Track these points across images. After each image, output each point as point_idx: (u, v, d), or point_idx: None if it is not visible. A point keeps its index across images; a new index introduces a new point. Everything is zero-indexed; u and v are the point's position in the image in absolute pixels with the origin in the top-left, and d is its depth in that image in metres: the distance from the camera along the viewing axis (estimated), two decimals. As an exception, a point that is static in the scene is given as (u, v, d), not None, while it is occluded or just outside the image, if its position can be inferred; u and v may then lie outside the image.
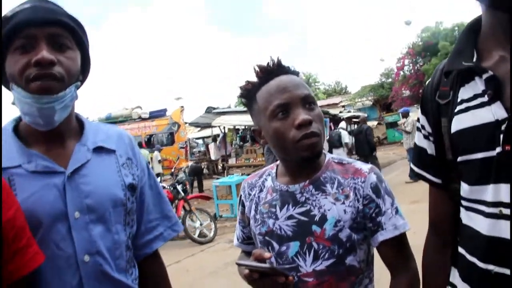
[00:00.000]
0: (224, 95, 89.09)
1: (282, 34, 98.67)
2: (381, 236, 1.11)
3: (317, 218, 1.12)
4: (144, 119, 16.50)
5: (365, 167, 1.17)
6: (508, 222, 0.82)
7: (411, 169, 1.13)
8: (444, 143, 0.98)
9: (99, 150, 1.16)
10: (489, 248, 0.86)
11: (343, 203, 1.12)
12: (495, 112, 0.83)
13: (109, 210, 1.10)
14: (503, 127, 0.82)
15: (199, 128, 19.58)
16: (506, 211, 0.82)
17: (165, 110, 17.03)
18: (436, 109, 0.99)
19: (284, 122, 1.10)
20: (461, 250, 0.96)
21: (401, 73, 30.38)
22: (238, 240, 1.40)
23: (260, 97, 1.16)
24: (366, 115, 11.51)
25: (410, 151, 10.21)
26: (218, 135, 16.22)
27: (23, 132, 1.12)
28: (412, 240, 1.11)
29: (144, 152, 13.58)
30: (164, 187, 7.47)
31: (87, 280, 1.05)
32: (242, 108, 18.14)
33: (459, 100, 0.92)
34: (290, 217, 1.15)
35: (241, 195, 1.35)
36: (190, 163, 14.79)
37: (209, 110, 14.25)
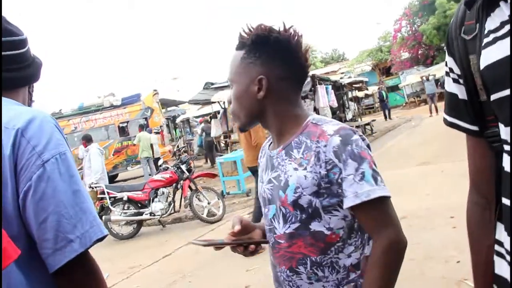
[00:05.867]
0: (222, 71, 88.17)
1: (276, 5, 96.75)
2: (344, 204, 1.07)
3: (282, 183, 1.14)
4: (116, 107, 15.96)
5: (331, 129, 1.10)
6: None
7: (444, 119, 1.00)
8: (475, 83, 0.87)
9: None
10: None
11: (305, 168, 1.09)
12: None
13: None
14: None
15: (199, 106, 19.35)
16: None
17: (138, 95, 16.47)
18: (463, 47, 0.88)
19: None
20: (505, 201, 0.85)
21: (399, 35, 29.99)
22: None
23: None
24: None
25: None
26: (218, 112, 16.01)
27: None
28: (425, 203, 1.01)
29: (145, 135, 13.48)
30: (167, 168, 7.39)
31: None
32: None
33: (486, 31, 0.82)
34: (269, 181, 1.20)
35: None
36: (168, 147, 14.70)
37: (207, 86, 14.03)
